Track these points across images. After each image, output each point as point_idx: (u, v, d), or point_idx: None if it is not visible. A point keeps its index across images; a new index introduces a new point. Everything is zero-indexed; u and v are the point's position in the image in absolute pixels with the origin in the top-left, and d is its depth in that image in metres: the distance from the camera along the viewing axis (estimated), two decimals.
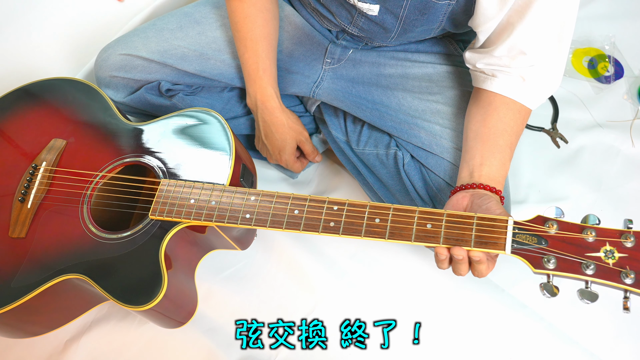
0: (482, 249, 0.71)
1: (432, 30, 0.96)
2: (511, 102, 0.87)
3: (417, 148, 1.04)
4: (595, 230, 0.67)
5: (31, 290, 0.88)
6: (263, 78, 1.02)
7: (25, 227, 0.93)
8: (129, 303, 0.84)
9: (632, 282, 0.64)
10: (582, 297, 0.66)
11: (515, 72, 0.86)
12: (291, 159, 1.13)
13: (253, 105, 1.06)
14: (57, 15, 1.41)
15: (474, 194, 0.80)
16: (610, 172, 1.23)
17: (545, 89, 0.88)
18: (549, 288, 0.68)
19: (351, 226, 0.78)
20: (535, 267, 0.68)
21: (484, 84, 0.90)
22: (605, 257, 0.66)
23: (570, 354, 1.04)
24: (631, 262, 0.65)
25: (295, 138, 1.11)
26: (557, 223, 0.69)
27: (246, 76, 1.04)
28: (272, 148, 1.11)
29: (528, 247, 0.69)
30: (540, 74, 0.86)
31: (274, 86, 1.05)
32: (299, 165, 1.18)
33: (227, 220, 0.85)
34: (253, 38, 1.02)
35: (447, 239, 0.73)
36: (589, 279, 0.66)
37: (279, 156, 1.12)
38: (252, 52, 1.02)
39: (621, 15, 1.44)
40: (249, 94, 1.05)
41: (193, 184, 0.89)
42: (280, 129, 1.08)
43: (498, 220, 0.71)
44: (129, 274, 0.87)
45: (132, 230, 0.90)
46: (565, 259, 0.67)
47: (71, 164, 0.98)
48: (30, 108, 1.04)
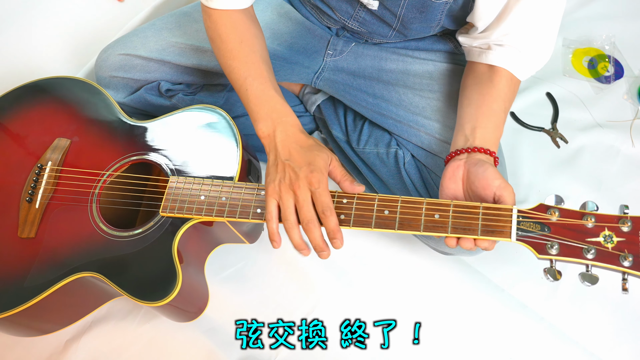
0: (489, 237, 0.73)
1: (431, 27, 0.96)
2: (505, 72, 0.89)
3: (417, 147, 1.04)
4: (595, 216, 0.70)
5: (44, 289, 0.89)
6: (276, 96, 0.86)
7: (34, 227, 0.93)
8: (145, 299, 0.85)
9: (630, 265, 0.67)
10: (583, 279, 0.69)
11: (510, 46, 0.88)
12: (324, 177, 0.77)
13: (269, 127, 0.83)
14: (57, 15, 1.41)
15: (468, 161, 0.80)
16: (610, 172, 1.23)
17: (537, 61, 0.91)
18: (552, 272, 0.71)
19: (361, 218, 0.79)
20: (540, 253, 0.71)
21: (479, 58, 0.92)
22: (605, 241, 0.69)
23: (570, 354, 1.04)
24: (629, 246, 0.68)
25: (328, 152, 0.82)
26: (559, 210, 0.72)
27: (253, 100, 0.86)
28: (298, 162, 0.78)
29: (532, 234, 0.72)
30: (533, 47, 0.89)
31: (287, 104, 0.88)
32: (328, 198, 0.77)
33: (239, 216, 0.85)
34: (253, 49, 0.90)
35: (454, 229, 0.75)
36: (589, 263, 0.69)
37: (309, 175, 0.76)
38: (255, 70, 0.88)
39: (621, 15, 1.44)
40: (262, 118, 0.84)
41: (202, 181, 0.89)
42: (308, 142, 0.82)
43: (503, 209, 0.74)
44: (143, 270, 0.88)
45: (143, 228, 0.90)
46: (568, 244, 0.70)
47: (77, 163, 0.98)
48: (33, 107, 1.04)
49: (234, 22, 0.90)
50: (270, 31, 1.07)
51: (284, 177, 0.78)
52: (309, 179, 0.76)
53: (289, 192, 0.77)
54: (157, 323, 1.08)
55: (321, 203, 0.76)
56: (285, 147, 0.81)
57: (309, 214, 0.76)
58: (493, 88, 0.89)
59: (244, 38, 0.90)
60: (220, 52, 0.91)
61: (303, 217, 0.76)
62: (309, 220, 0.76)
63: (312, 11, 1.08)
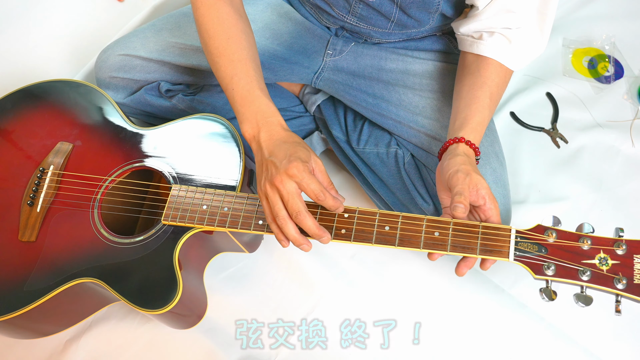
0: (487, 256, 0.75)
1: (429, 14, 0.96)
2: (494, 62, 0.90)
3: (417, 148, 1.04)
4: (591, 238, 0.72)
5: (44, 294, 0.89)
6: (262, 97, 0.85)
7: (35, 231, 0.93)
8: (145, 307, 0.85)
9: (623, 288, 0.70)
10: (577, 300, 0.71)
11: (501, 33, 0.89)
12: (305, 166, 0.76)
13: (254, 128, 0.82)
14: (56, 16, 1.41)
15: (445, 154, 0.83)
16: (610, 172, 1.23)
17: (529, 52, 0.91)
18: (548, 293, 0.72)
19: (362, 233, 0.80)
20: (536, 273, 0.73)
21: (471, 48, 0.92)
22: (600, 264, 0.71)
23: (570, 354, 1.04)
24: (623, 269, 0.71)
25: (309, 149, 0.81)
26: (556, 232, 0.74)
27: (239, 100, 0.84)
28: (279, 156, 0.78)
29: (529, 254, 0.74)
30: (526, 37, 0.89)
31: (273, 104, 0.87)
32: (314, 182, 0.76)
33: (240, 227, 0.86)
34: (242, 47, 0.88)
35: (454, 247, 0.76)
36: (584, 285, 0.71)
37: (287, 166, 0.75)
38: (242, 69, 0.86)
39: (621, 15, 1.44)
40: (247, 119, 0.83)
41: (205, 190, 0.89)
42: (292, 139, 0.81)
43: (501, 229, 0.76)
44: (144, 278, 0.88)
45: (144, 235, 0.90)
46: (564, 265, 0.72)
47: (79, 168, 0.98)
48: (35, 109, 1.04)
49: (220, 17, 0.89)
50: (270, 31, 1.07)
51: (267, 174, 0.77)
52: (288, 170, 0.74)
53: (273, 188, 0.76)
54: (157, 323, 1.08)
55: (310, 191, 0.75)
56: (268, 146, 0.80)
57: (296, 205, 0.75)
58: (480, 77, 0.90)
59: (231, 34, 0.88)
60: (208, 49, 0.89)
61: (291, 210, 0.75)
62: (298, 212, 0.75)
63: (312, 11, 1.08)
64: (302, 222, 0.76)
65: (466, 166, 0.78)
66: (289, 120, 1.22)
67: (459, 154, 0.81)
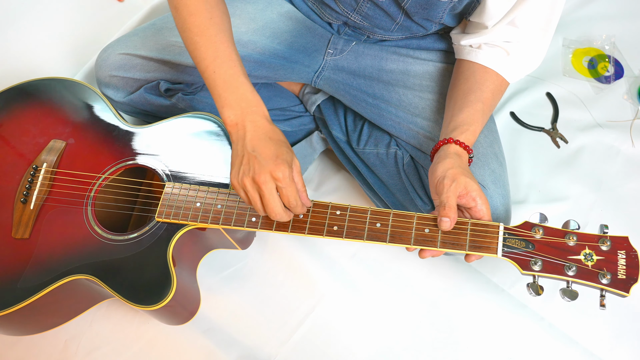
0: (476, 252, 0.77)
1: (432, 24, 0.97)
2: (493, 73, 0.91)
3: (416, 149, 1.04)
4: (576, 235, 0.75)
5: (38, 290, 0.89)
6: (247, 83, 0.83)
7: (28, 228, 0.93)
8: (139, 303, 0.86)
9: (608, 282, 0.72)
10: (563, 295, 0.73)
11: (501, 46, 0.90)
12: (289, 171, 0.76)
13: (237, 116, 0.80)
14: (56, 15, 1.41)
15: (436, 155, 0.85)
16: (610, 172, 1.23)
17: (527, 65, 0.93)
18: (535, 287, 0.75)
19: (354, 230, 0.82)
20: (523, 268, 0.75)
21: (468, 56, 0.93)
22: (585, 259, 0.74)
23: (570, 354, 1.04)
24: (607, 264, 0.73)
25: (291, 149, 0.81)
26: (543, 228, 0.76)
27: (221, 84, 0.82)
28: (265, 154, 0.77)
29: (517, 250, 0.76)
30: (524, 51, 0.90)
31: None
32: (294, 191, 0.78)
33: (234, 224, 0.86)
34: (222, 29, 0.85)
35: (443, 243, 0.78)
36: (570, 280, 0.74)
37: (273, 168, 0.75)
38: (225, 51, 0.84)
39: (621, 15, 1.44)
40: (230, 105, 0.81)
41: (198, 188, 0.90)
42: (277, 135, 0.81)
43: (490, 225, 0.78)
44: (138, 274, 0.88)
45: (138, 232, 0.91)
46: (550, 261, 0.75)
47: (72, 166, 0.98)
48: (27, 107, 1.04)
49: None
50: (270, 30, 1.07)
51: (248, 170, 0.76)
52: (274, 172, 0.75)
53: (254, 186, 0.76)
54: (157, 323, 1.08)
55: (287, 200, 0.77)
56: (253, 139, 0.78)
57: (276, 207, 0.77)
58: (475, 83, 0.91)
59: (214, 15, 0.85)
60: (186, 25, 0.85)
61: (270, 210, 0.77)
62: (276, 214, 0.78)
63: (314, 6, 1.07)
64: (280, 220, 0.79)
65: (454, 170, 0.79)
66: (289, 120, 1.22)
67: (449, 155, 0.82)
